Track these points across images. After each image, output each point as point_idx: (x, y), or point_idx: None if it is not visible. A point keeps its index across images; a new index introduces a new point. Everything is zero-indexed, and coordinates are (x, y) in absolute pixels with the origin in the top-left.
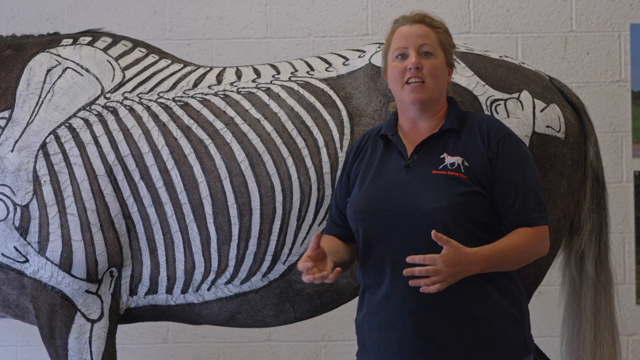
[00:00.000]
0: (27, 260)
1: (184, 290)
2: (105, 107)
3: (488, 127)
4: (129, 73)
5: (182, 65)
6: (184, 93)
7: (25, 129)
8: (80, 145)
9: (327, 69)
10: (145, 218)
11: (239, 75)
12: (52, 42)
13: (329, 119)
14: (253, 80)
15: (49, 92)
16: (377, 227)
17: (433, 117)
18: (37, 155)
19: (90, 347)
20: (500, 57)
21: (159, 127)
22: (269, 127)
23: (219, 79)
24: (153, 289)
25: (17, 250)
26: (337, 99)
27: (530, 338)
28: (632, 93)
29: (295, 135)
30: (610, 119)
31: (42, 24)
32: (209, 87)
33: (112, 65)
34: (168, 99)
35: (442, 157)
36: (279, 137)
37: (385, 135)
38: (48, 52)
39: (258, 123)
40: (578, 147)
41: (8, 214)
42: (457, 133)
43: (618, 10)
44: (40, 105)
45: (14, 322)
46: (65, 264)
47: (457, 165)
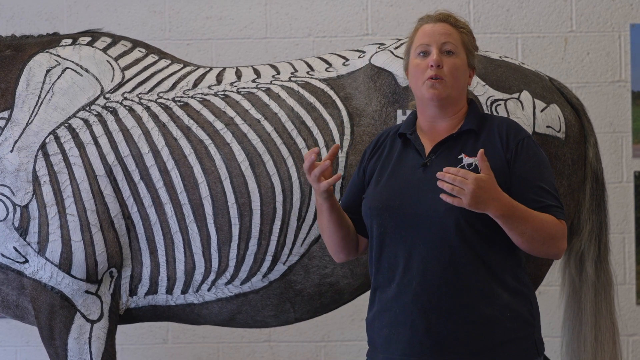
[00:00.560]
0: (26, 261)
1: (184, 291)
2: (105, 107)
3: (507, 129)
4: (129, 73)
5: (181, 66)
6: (184, 93)
7: (25, 130)
8: (80, 146)
9: (327, 69)
10: (145, 218)
11: (239, 76)
12: (51, 42)
13: (329, 119)
14: (253, 81)
15: (49, 92)
16: (391, 224)
17: (452, 116)
18: (36, 156)
19: (90, 347)
20: (500, 57)
21: (159, 127)
22: (269, 127)
23: (219, 79)
24: (153, 290)
25: (16, 251)
26: (337, 99)
27: (541, 340)
28: (632, 93)
29: (296, 136)
30: (611, 119)
31: (41, 24)
32: (209, 87)
33: (111, 66)
34: (168, 99)
35: (459, 157)
36: (279, 137)
37: (404, 134)
38: (47, 52)
39: (258, 123)
40: (578, 147)
41: (7, 215)
42: (476, 134)
43: (618, 11)
44: (40, 106)
45: (14, 322)
46: (65, 265)
47: (474, 166)
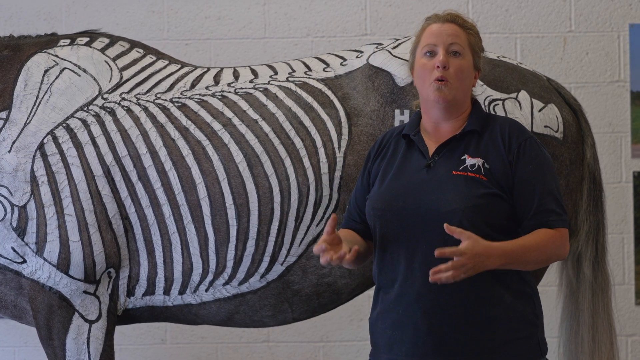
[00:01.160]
0: (24, 261)
1: (182, 292)
2: (103, 107)
3: (510, 130)
4: (127, 74)
5: (179, 66)
6: (182, 94)
7: (23, 130)
8: (78, 146)
9: (324, 69)
10: (143, 219)
11: (237, 76)
12: (49, 42)
13: (327, 119)
14: (250, 81)
15: (47, 92)
16: (394, 225)
17: (456, 118)
18: (34, 156)
19: (88, 347)
20: (498, 57)
21: (157, 128)
22: (267, 127)
23: (217, 80)
24: (150, 290)
25: (14, 251)
26: (334, 99)
27: (544, 340)
28: (631, 93)
29: (293, 136)
30: (610, 119)
31: (39, 24)
32: (207, 87)
33: (109, 66)
34: (166, 100)
35: (463, 158)
36: (277, 137)
37: (408, 135)
38: (45, 52)
39: (256, 124)
40: (576, 147)
41: (5, 215)
42: (479, 135)
43: (617, 11)
44: (38, 106)
45: (12, 322)
46: (63, 265)
47: (477, 167)
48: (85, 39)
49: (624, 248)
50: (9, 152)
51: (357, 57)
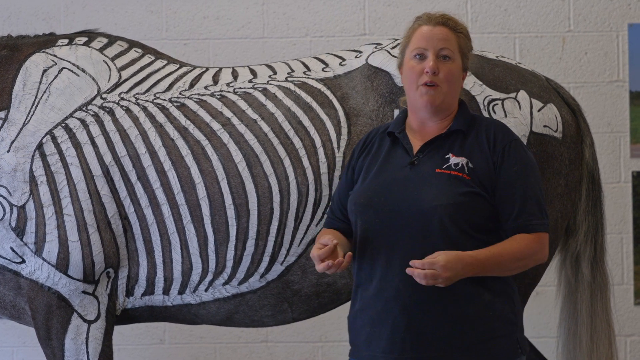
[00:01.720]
0: (23, 261)
1: (181, 291)
2: (102, 107)
3: (495, 131)
4: (125, 73)
5: (178, 66)
6: (181, 94)
7: (22, 130)
8: (77, 146)
9: (323, 69)
10: (142, 219)
11: (235, 76)
12: (48, 42)
13: (326, 119)
14: (249, 81)
15: (45, 92)
16: (375, 221)
17: (443, 119)
18: (33, 156)
19: (87, 347)
20: (497, 57)
21: (156, 127)
22: (266, 127)
23: (215, 80)
24: (150, 290)
25: (13, 251)
26: (334, 99)
27: (523, 339)
28: (630, 93)
29: (292, 136)
30: (608, 119)
31: (38, 24)
32: (206, 87)
33: (108, 66)
34: (165, 100)
35: (447, 157)
36: (276, 137)
37: (392, 133)
38: (44, 52)
39: (255, 124)
40: (575, 146)
41: (4, 215)
42: (464, 135)
43: (616, 10)
44: (37, 106)
45: (10, 322)
46: (62, 265)
47: (461, 166)
48: (84, 39)
49: (623, 248)
50: (8, 152)
51: (356, 57)
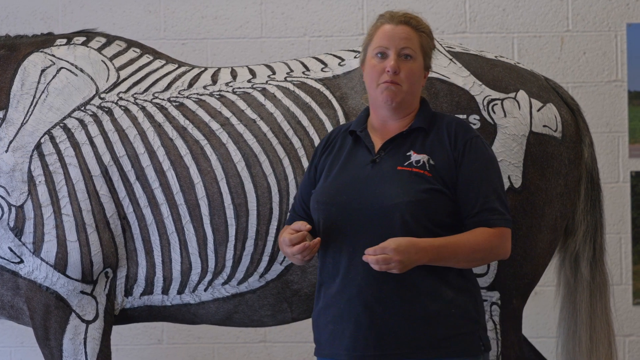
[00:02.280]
0: (21, 261)
1: (180, 291)
2: (100, 107)
3: (456, 128)
4: (124, 73)
5: (176, 66)
6: (179, 93)
7: (20, 129)
8: (76, 146)
9: (322, 69)
10: (141, 219)
11: (234, 76)
12: (46, 42)
13: (325, 119)
14: (248, 81)
15: (44, 92)
16: (337, 219)
17: (404, 117)
18: (31, 156)
19: (85, 348)
20: (496, 57)
21: (155, 127)
22: (265, 127)
23: (214, 79)
24: (149, 290)
25: (11, 251)
26: (333, 99)
27: (486, 337)
28: (628, 93)
29: (292, 136)
30: (607, 119)
31: (36, 24)
32: (204, 87)
33: (106, 66)
34: (163, 100)
35: (408, 154)
36: (275, 137)
37: (354, 131)
38: (42, 52)
39: (254, 123)
40: (575, 146)
41: (3, 215)
42: (425, 132)
43: (614, 10)
44: (35, 106)
45: (8, 322)
46: (60, 265)
47: (422, 163)
48: (82, 39)
49: (622, 248)
50: (6, 151)
51: (355, 57)
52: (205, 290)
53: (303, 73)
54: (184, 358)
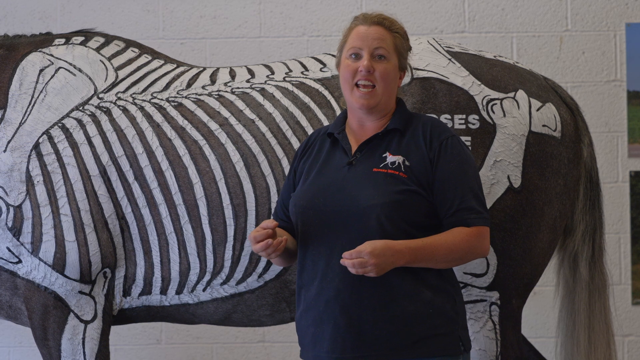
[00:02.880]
0: (20, 261)
1: (179, 291)
2: (99, 107)
3: (432, 128)
4: (122, 73)
5: (175, 66)
6: (178, 93)
7: (18, 129)
8: (74, 146)
9: (321, 69)
10: (140, 219)
11: (233, 76)
12: (44, 41)
13: (324, 119)
14: (247, 81)
15: (42, 92)
16: (315, 222)
17: (381, 118)
18: (30, 156)
19: (84, 348)
20: (495, 56)
21: (153, 127)
22: (264, 127)
23: (213, 79)
24: (147, 290)
25: (9, 251)
26: (331, 99)
27: (466, 337)
28: (627, 93)
29: (290, 136)
30: (606, 119)
31: (34, 23)
32: (203, 87)
33: (105, 65)
34: (162, 100)
35: (384, 155)
36: (274, 137)
37: (332, 134)
38: (40, 51)
39: (253, 123)
40: (574, 146)
41: (1, 215)
42: (401, 133)
43: (614, 10)
44: (33, 105)
45: (7, 322)
46: (59, 265)
47: (397, 164)
48: (81, 38)
49: (621, 248)
50: (4, 151)
51: None
52: (204, 290)
53: (302, 73)
54: (183, 358)
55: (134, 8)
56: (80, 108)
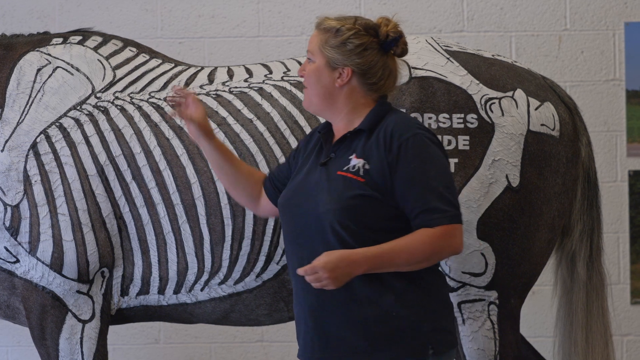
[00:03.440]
0: (17, 261)
1: (177, 291)
2: (96, 106)
3: (393, 129)
4: (120, 72)
5: (173, 65)
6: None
7: (16, 129)
8: (71, 145)
9: None
10: (137, 218)
11: (231, 75)
12: (42, 41)
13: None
14: (245, 80)
15: (40, 91)
16: (290, 223)
17: (343, 117)
18: (27, 155)
19: (82, 347)
20: (493, 55)
21: (151, 127)
22: (262, 127)
23: (211, 79)
24: (145, 290)
25: (7, 251)
26: None
27: (435, 339)
28: (626, 92)
29: (288, 135)
30: (605, 118)
31: (32, 23)
32: (201, 86)
33: (102, 65)
34: (160, 99)
35: (350, 158)
36: (272, 137)
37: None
38: (38, 51)
39: (251, 123)
40: (573, 145)
41: None
42: (368, 135)
43: (612, 9)
44: (31, 105)
45: (5, 322)
46: (56, 264)
47: (357, 168)
48: (78, 38)
49: (619, 247)
50: (2, 151)
51: None
52: (202, 290)
53: None
54: (181, 358)
55: (132, 7)
56: (78, 107)
